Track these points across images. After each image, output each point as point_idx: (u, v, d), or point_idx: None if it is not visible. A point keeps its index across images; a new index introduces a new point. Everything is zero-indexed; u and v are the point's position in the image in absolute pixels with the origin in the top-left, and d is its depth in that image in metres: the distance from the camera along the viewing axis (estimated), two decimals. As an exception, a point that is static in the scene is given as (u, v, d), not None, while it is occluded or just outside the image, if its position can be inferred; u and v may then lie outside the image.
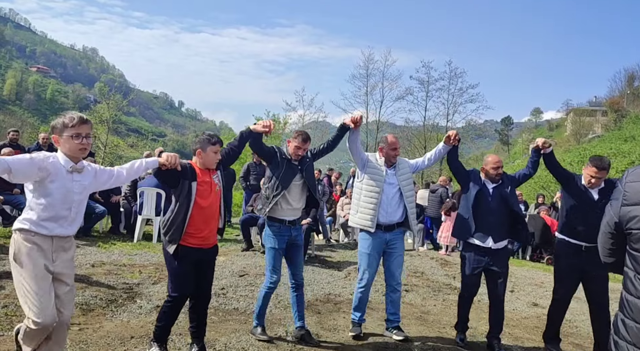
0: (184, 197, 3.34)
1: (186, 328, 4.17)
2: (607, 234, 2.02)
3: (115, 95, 33.15)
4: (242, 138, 3.85)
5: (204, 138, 3.49)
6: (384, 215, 4.30)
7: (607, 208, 2.03)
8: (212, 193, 3.48)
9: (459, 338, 4.36)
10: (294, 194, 4.11)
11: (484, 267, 4.24)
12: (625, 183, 1.93)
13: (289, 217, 4.12)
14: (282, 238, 4.10)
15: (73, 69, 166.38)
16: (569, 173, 4.41)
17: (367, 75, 29.64)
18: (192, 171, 3.41)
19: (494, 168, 4.25)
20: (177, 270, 3.38)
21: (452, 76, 28.64)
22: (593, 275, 4.12)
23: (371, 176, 4.33)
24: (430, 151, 4.61)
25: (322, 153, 4.42)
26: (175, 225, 3.34)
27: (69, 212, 2.77)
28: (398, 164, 4.43)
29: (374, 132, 29.29)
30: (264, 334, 4.06)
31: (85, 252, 6.85)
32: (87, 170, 2.89)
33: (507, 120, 74.26)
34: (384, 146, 4.39)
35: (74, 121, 2.76)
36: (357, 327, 4.35)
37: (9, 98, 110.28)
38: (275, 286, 4.12)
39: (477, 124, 30.19)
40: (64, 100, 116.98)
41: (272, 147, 4.19)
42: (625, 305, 1.87)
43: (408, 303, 5.67)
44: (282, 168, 4.07)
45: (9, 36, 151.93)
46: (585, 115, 55.22)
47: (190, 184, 3.35)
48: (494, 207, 4.20)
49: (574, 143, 49.58)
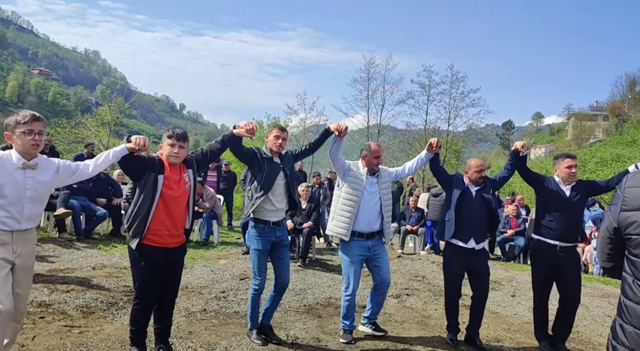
0: (148, 189, 3.24)
1: (187, 331, 4.18)
2: (605, 239, 2.01)
3: (117, 98, 33.18)
4: (224, 141, 3.73)
5: (164, 135, 3.44)
6: (366, 224, 4.26)
7: (606, 214, 2.03)
8: (180, 190, 3.37)
9: (449, 338, 4.42)
10: (277, 194, 4.05)
11: (467, 268, 4.37)
12: (624, 188, 1.93)
13: (273, 218, 4.05)
14: (266, 240, 4.04)
15: (75, 71, 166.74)
16: (540, 175, 4.58)
17: (369, 79, 29.55)
18: (160, 164, 3.32)
19: (477, 171, 4.38)
20: (143, 272, 3.31)
21: (454, 80, 28.52)
22: (567, 274, 4.29)
23: (350, 185, 4.28)
24: (411, 160, 4.62)
25: (304, 154, 4.42)
26: (139, 219, 3.25)
27: (23, 208, 2.82)
28: (380, 172, 4.40)
29: (375, 136, 29.25)
30: (259, 338, 4.03)
31: (86, 255, 6.85)
32: (43, 166, 2.92)
33: (508, 124, 74.31)
34: (367, 154, 4.35)
35: (27, 118, 2.82)
36: (348, 334, 4.32)
37: (11, 101, 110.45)
38: (261, 287, 4.07)
39: (479, 128, 30.05)
40: (65, 102, 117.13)
41: (251, 148, 4.11)
42: (624, 310, 1.86)
43: (409, 307, 5.66)
44: (264, 169, 4.01)
45: (12, 38, 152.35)
46: (587, 120, 55.14)
47: (157, 177, 3.26)
48: (477, 209, 4.33)
49: (575, 147, 49.51)
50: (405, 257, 9.34)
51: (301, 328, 4.51)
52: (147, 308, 3.42)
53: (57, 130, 31.09)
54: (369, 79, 29.46)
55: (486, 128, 32.68)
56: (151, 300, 3.41)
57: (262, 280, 4.06)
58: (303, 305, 5.39)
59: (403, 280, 7.13)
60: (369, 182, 4.32)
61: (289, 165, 4.16)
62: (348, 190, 4.28)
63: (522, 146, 4.40)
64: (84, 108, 50.69)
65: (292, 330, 4.46)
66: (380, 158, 4.37)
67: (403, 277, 7.34)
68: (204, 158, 3.67)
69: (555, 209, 4.30)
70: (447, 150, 27.92)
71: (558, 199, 4.32)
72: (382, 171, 4.44)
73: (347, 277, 4.33)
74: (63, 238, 7.62)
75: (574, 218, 4.36)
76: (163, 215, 3.29)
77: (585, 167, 29.95)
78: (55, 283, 5.22)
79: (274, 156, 4.10)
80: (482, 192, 4.38)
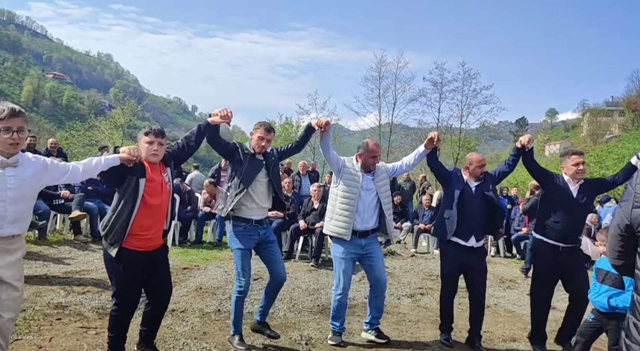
0: (129, 194, 3.11)
1: (202, 331, 4.19)
2: (616, 236, 1.97)
3: (129, 101, 33.50)
4: (199, 131, 3.58)
5: (141, 131, 3.31)
6: (360, 222, 4.14)
7: (617, 211, 1.99)
8: (163, 192, 3.27)
9: (444, 339, 4.34)
10: (259, 192, 3.91)
11: (465, 266, 4.27)
12: (635, 184, 1.88)
13: (255, 216, 3.90)
14: (249, 239, 3.90)
15: (88, 75, 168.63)
16: (548, 172, 4.41)
17: (380, 78, 29.53)
18: (140, 167, 3.18)
19: (479, 166, 4.27)
20: (121, 276, 3.19)
21: (466, 77, 28.39)
22: (572, 273, 4.17)
23: (347, 182, 4.15)
24: (408, 155, 4.49)
25: (289, 152, 4.28)
26: (118, 225, 3.11)
27: (6, 210, 2.56)
28: (376, 169, 4.27)
29: (387, 134, 29.20)
30: (242, 343, 3.86)
31: (101, 257, 6.89)
32: (26, 163, 2.69)
33: (521, 121, 73.40)
34: (363, 153, 4.19)
35: (3, 114, 2.53)
36: (337, 336, 4.20)
37: (26, 105, 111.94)
38: (246, 289, 3.90)
39: (492, 126, 29.86)
40: (79, 106, 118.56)
41: (233, 142, 3.98)
42: (637, 307, 1.82)
43: (423, 307, 5.62)
44: (244, 164, 3.86)
45: (26, 44, 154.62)
46: (602, 116, 54.46)
47: (138, 181, 3.12)
48: (477, 206, 4.22)
49: (591, 143, 48.89)
50: (418, 256, 9.29)
51: (315, 328, 4.51)
52: (126, 316, 3.32)
53: (72, 133, 31.55)
54: (380, 77, 29.46)
55: (499, 126, 32.42)
56: (130, 304, 3.31)
57: (247, 281, 3.89)
58: (316, 305, 5.38)
59: (417, 279, 7.09)
60: (365, 179, 4.18)
61: (272, 163, 4.00)
62: (344, 189, 4.14)
63: (527, 141, 4.28)
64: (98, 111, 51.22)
65: (305, 330, 4.46)
66: (377, 158, 4.21)
67: (417, 276, 7.29)
68: (181, 153, 3.54)
69: (560, 209, 4.15)
70: (460, 148, 27.73)
71: (564, 199, 4.17)
72: (379, 168, 4.29)
73: (338, 275, 4.19)
74: (79, 241, 7.71)
75: (578, 219, 4.25)
76: (144, 220, 3.17)
77: (602, 164, 29.51)
78: (71, 285, 5.28)
79: (257, 153, 3.96)
80: (482, 188, 4.28)
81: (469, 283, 4.36)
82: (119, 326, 3.31)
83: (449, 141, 28.35)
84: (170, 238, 8.44)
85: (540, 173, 4.37)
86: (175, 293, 5.32)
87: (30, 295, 4.76)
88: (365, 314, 4.38)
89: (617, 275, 3.47)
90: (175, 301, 5.01)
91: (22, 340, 3.65)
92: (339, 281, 4.18)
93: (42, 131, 63.74)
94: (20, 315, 4.14)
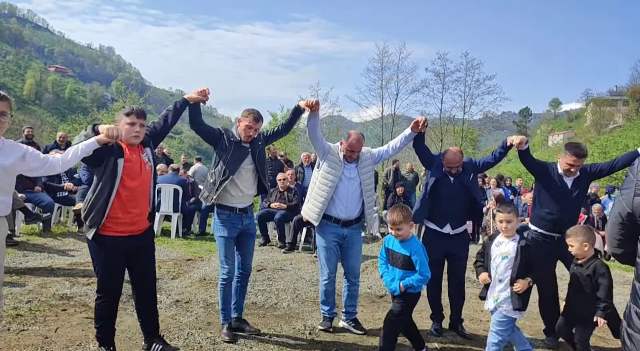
0: (107, 175, 3.01)
1: (206, 322, 4.22)
2: (617, 225, 1.95)
3: (132, 94, 33.43)
4: (175, 109, 3.47)
5: (121, 113, 3.20)
6: (344, 211, 4.13)
7: (618, 199, 1.96)
8: (142, 173, 3.17)
9: (434, 328, 4.37)
10: (245, 180, 3.83)
11: (446, 252, 4.32)
12: (637, 172, 1.86)
13: (239, 204, 3.83)
14: (233, 227, 3.82)
15: (90, 68, 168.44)
16: (543, 164, 4.38)
17: (382, 69, 29.34)
18: (118, 147, 3.07)
19: (453, 166, 4.24)
20: (104, 264, 3.11)
21: (469, 68, 28.22)
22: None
23: (328, 169, 4.11)
24: (394, 139, 4.47)
25: (275, 136, 4.19)
26: (97, 207, 3.01)
27: None
28: (360, 156, 4.21)
29: (390, 126, 29.09)
30: (229, 333, 3.82)
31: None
32: (7, 149, 2.65)
33: (525, 111, 73.29)
34: (345, 142, 4.14)
35: None
36: (327, 321, 4.23)
37: (28, 98, 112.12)
38: (230, 276, 3.86)
39: (495, 116, 29.72)
40: (82, 99, 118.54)
41: (218, 128, 3.89)
42: (638, 295, 1.81)
43: (426, 297, 5.61)
44: (230, 151, 3.76)
45: (28, 37, 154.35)
46: (606, 105, 54.09)
47: (116, 161, 3.02)
48: (453, 195, 4.25)
49: (595, 134, 48.66)
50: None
51: (318, 318, 4.52)
52: (111, 305, 3.22)
53: (74, 126, 31.49)
54: (382, 68, 29.28)
55: (503, 116, 32.30)
56: (114, 294, 3.22)
57: (231, 268, 3.84)
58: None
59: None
60: (347, 168, 4.15)
61: (258, 149, 3.91)
62: (325, 175, 4.11)
63: (519, 142, 4.19)
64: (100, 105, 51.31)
65: (309, 320, 4.48)
66: (355, 153, 4.13)
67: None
68: (158, 132, 3.45)
69: (554, 199, 4.14)
70: (464, 138, 27.65)
71: (558, 190, 4.15)
72: (364, 154, 4.23)
73: (322, 262, 4.22)
74: (83, 233, 7.73)
75: (572, 210, 4.23)
76: (125, 201, 3.08)
77: (607, 154, 29.36)
78: (76, 277, 5.31)
79: (243, 141, 3.86)
80: (461, 177, 4.28)
81: (449, 269, 4.43)
82: (105, 317, 3.22)
83: (451, 132, 28.26)
84: (174, 230, 8.48)
85: (536, 167, 4.34)
86: (180, 284, 5.36)
87: (35, 287, 4.80)
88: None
89: (405, 256, 3.45)
90: (179, 292, 5.04)
91: (28, 330, 3.69)
92: (323, 270, 4.24)
93: (44, 124, 63.91)
94: (26, 306, 4.19)
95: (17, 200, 6.50)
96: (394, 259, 3.56)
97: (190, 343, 3.70)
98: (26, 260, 5.85)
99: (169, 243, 7.90)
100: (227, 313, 3.91)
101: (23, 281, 4.96)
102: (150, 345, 3.39)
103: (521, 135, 4.44)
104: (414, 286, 3.42)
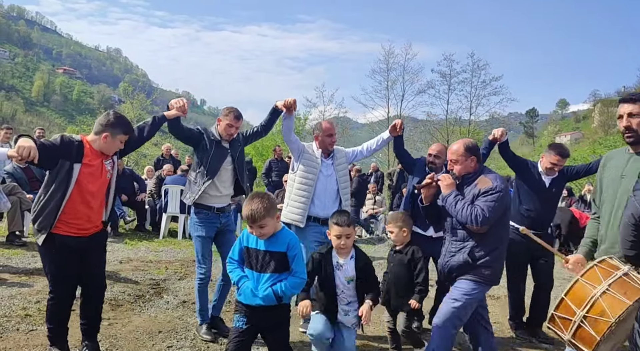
0: (61, 178, 2.89)
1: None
2: (630, 226, 1.94)
3: (139, 95, 33.77)
4: (154, 123, 3.45)
5: (116, 123, 3.04)
6: (322, 207, 4.06)
7: (631, 200, 1.97)
8: (100, 179, 3.07)
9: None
10: (224, 180, 3.82)
11: (430, 255, 4.26)
12: None
13: (217, 203, 3.81)
14: (211, 226, 3.80)
15: (98, 69, 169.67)
16: (524, 160, 4.47)
17: (388, 70, 29.41)
18: (78, 150, 2.95)
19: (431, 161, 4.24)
20: (55, 263, 3.00)
21: (475, 68, 28.18)
22: (540, 260, 4.28)
23: (305, 167, 4.07)
24: (371, 140, 4.46)
25: (254, 136, 4.15)
26: (47, 210, 2.91)
27: None
28: (335, 153, 4.20)
29: (396, 127, 29.05)
30: (209, 333, 3.79)
31: (112, 249, 6.99)
32: None
33: (532, 112, 72.95)
34: (319, 133, 4.12)
35: None
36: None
37: (37, 100, 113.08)
38: (206, 276, 3.82)
39: (501, 117, 29.63)
40: (89, 100, 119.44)
41: (196, 128, 3.85)
42: None
43: (428, 297, 5.61)
44: (210, 151, 3.73)
45: (36, 39, 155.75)
46: (614, 106, 53.58)
47: (72, 165, 2.91)
48: (436, 197, 4.19)
49: (602, 134, 48.38)
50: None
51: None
52: (64, 306, 3.12)
53: (83, 127, 31.73)
54: (388, 69, 29.33)
55: (509, 117, 32.21)
56: (66, 294, 3.12)
57: (208, 268, 3.82)
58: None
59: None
60: (325, 164, 4.11)
61: (238, 149, 3.90)
62: (302, 174, 4.08)
63: (500, 134, 4.24)
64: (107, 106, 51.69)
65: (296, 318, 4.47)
66: (333, 136, 4.15)
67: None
68: (134, 143, 3.36)
69: (531, 196, 4.24)
70: (470, 139, 27.54)
71: (537, 187, 4.24)
72: (337, 152, 4.23)
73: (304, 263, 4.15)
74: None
75: (549, 208, 4.32)
76: (78, 207, 2.98)
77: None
78: (84, 277, 5.34)
79: (223, 140, 3.84)
80: None
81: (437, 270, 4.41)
82: (57, 317, 3.12)
83: (457, 133, 28.18)
84: (181, 231, 8.52)
85: (515, 162, 4.42)
86: (187, 285, 5.38)
87: (44, 287, 4.83)
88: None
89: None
90: (186, 293, 5.07)
91: (37, 330, 3.72)
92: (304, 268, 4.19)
93: (52, 126, 64.33)
94: (35, 306, 4.22)
95: (25, 201, 6.57)
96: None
97: (197, 344, 3.71)
98: (35, 260, 5.89)
99: (175, 244, 7.94)
100: (205, 313, 3.88)
101: (32, 281, 5.00)
102: (83, 348, 3.27)
103: (501, 128, 4.45)
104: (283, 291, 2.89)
